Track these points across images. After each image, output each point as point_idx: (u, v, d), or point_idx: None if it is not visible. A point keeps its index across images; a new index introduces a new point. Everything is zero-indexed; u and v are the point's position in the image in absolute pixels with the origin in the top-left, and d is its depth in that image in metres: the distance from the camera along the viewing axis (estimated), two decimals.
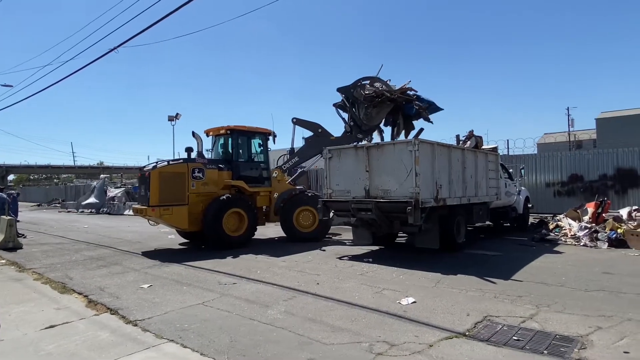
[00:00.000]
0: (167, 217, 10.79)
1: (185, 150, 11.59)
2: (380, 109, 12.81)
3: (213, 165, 11.81)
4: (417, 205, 8.33)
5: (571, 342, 4.25)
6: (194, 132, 12.09)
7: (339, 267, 8.44)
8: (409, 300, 5.81)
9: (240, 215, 11.42)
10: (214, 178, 11.63)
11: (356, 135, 13.04)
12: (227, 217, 11.10)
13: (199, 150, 12.04)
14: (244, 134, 12.52)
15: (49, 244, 13.00)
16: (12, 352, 4.34)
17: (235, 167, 12.14)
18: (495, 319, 5.00)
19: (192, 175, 11.18)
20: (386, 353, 4.10)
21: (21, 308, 5.92)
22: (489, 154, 11.81)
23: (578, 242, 10.61)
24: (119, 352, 4.25)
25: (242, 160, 12.46)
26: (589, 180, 16.00)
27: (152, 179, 10.76)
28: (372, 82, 12.85)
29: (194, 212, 11.11)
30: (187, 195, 11.08)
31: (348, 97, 12.83)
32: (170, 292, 6.66)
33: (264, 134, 12.94)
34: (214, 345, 4.41)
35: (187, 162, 11.31)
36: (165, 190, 10.77)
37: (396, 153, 8.93)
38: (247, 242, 11.52)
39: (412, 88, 12.95)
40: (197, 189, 11.24)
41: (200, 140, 12.12)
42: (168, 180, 10.87)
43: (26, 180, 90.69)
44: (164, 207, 10.67)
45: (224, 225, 11.01)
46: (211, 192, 11.44)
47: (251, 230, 11.66)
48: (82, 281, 7.56)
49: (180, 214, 10.90)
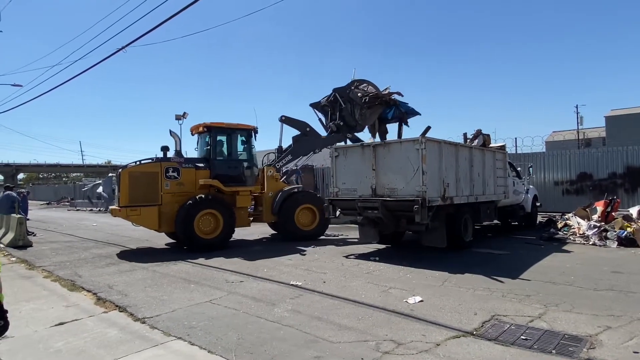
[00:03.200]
0: (134, 218, 10.44)
1: (161, 149, 11.22)
2: (374, 110, 13.39)
3: (190, 164, 11.40)
4: (424, 204, 8.31)
5: (580, 341, 4.21)
6: (171, 131, 11.69)
7: (346, 266, 8.43)
8: (416, 299, 5.79)
9: (216, 217, 10.89)
10: (190, 177, 11.20)
11: (345, 135, 13.34)
12: (200, 218, 10.60)
13: (177, 149, 11.65)
14: (222, 131, 11.94)
15: (59, 242, 13.14)
16: (22, 348, 4.40)
17: (213, 166, 11.62)
18: (503, 318, 4.97)
19: (165, 175, 10.82)
20: (393, 352, 4.09)
21: (31, 305, 5.99)
22: (496, 152, 11.74)
23: (587, 241, 10.51)
24: (127, 350, 4.29)
25: (221, 158, 11.92)
26: (598, 178, 15.86)
27: (121, 178, 10.51)
28: (367, 85, 13.57)
29: (168, 212, 10.70)
30: (160, 195, 10.72)
31: (343, 97, 12.97)
32: (177, 290, 6.71)
33: (246, 130, 12.30)
34: (222, 342, 4.43)
35: (161, 161, 10.98)
36: (135, 190, 10.43)
37: (403, 151, 8.90)
38: (223, 244, 10.95)
39: (394, 92, 13.57)
40: (171, 189, 10.87)
41: (177, 138, 11.68)
42: (138, 180, 10.54)
43: (35, 178, 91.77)
44: (131, 208, 10.32)
45: (196, 226, 10.52)
46: (188, 192, 10.99)
47: (227, 232, 11.08)
48: (91, 279, 7.63)
49: (149, 215, 10.51)
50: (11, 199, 14.12)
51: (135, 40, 11.16)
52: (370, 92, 13.39)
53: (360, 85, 13.57)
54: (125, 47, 11.73)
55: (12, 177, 68.63)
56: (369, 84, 13.67)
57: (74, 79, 30.20)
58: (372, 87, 13.61)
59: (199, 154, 12.27)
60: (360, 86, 13.54)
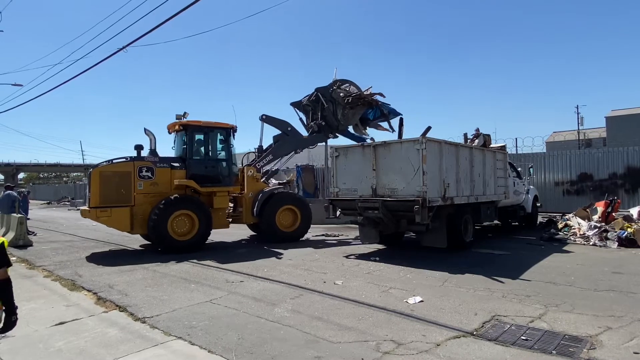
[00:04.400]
0: (104, 220, 10.08)
1: (135, 148, 10.83)
2: (356, 110, 13.41)
3: (165, 163, 10.95)
4: (425, 204, 8.31)
5: (580, 342, 4.21)
6: (145, 129, 11.29)
7: (346, 266, 8.43)
8: (416, 299, 5.79)
9: (191, 218, 10.53)
10: (165, 177, 10.80)
11: (327, 135, 13.35)
12: (174, 219, 10.25)
13: (152, 147, 11.17)
14: (199, 129, 11.50)
15: (59, 241, 13.14)
16: (23, 348, 4.40)
17: (190, 165, 11.20)
18: (504, 319, 4.96)
19: (139, 175, 10.43)
20: (393, 352, 4.09)
21: (32, 305, 5.99)
22: (497, 153, 11.74)
23: (587, 242, 10.50)
24: (127, 349, 4.29)
25: (198, 157, 11.52)
26: (598, 179, 15.86)
27: (92, 178, 10.15)
28: (349, 85, 13.52)
29: (141, 213, 10.34)
30: (133, 196, 10.34)
31: (325, 96, 12.92)
32: (178, 290, 6.70)
33: (224, 129, 11.85)
34: (222, 342, 4.43)
35: (134, 160, 10.58)
36: (106, 190, 10.09)
37: (403, 151, 8.90)
38: (199, 246, 10.60)
39: (376, 93, 13.59)
40: (144, 189, 10.48)
41: (152, 137, 11.25)
42: (110, 180, 10.18)
43: (36, 178, 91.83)
44: (101, 209, 9.96)
45: (170, 228, 10.17)
46: (162, 193, 10.59)
47: (203, 233, 10.72)
48: (91, 279, 7.63)
49: (120, 216, 10.14)
50: (12, 198, 14.14)
51: (135, 40, 11.18)
52: (352, 92, 13.32)
53: (342, 85, 13.47)
54: (126, 46, 11.73)
55: (13, 177, 68.70)
56: (351, 84, 13.60)
57: (74, 78, 30.16)
58: (355, 87, 13.55)
59: (175, 153, 11.87)
60: (342, 86, 13.44)
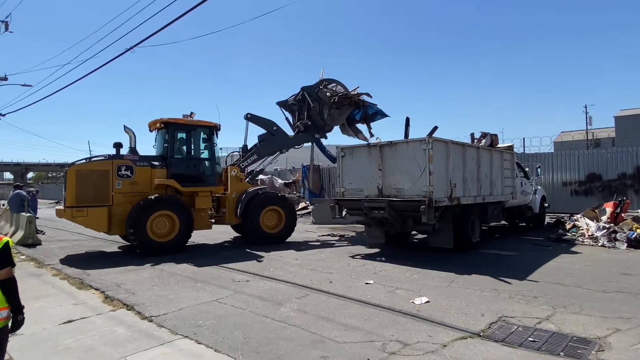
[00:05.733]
0: (80, 220, 9.74)
1: (114, 146, 10.47)
2: (342, 111, 13.35)
3: (145, 162, 10.61)
4: (431, 204, 8.29)
5: (588, 344, 4.17)
6: (125, 126, 10.95)
7: (352, 266, 8.43)
8: (422, 300, 5.77)
9: (171, 219, 10.18)
10: (145, 177, 10.45)
11: (313, 135, 13.23)
12: (154, 220, 9.90)
13: (132, 145, 10.87)
14: (181, 127, 11.19)
15: (67, 240, 13.25)
16: (31, 346, 4.45)
17: (171, 164, 10.85)
18: (511, 320, 4.93)
19: (117, 174, 10.09)
20: (399, 352, 4.08)
21: (40, 303, 6.05)
22: (504, 153, 11.67)
23: (596, 243, 10.41)
24: (135, 348, 4.32)
25: (180, 156, 11.18)
26: (607, 179, 15.69)
27: (68, 177, 9.83)
28: (336, 85, 13.45)
29: (119, 214, 10.01)
30: (111, 195, 10.01)
31: (311, 96, 12.83)
32: (184, 289, 6.74)
33: (207, 127, 11.52)
34: (228, 341, 4.45)
35: (113, 158, 10.22)
36: (83, 189, 9.74)
37: (410, 151, 8.88)
38: (179, 247, 10.27)
39: (363, 93, 13.51)
40: (123, 188, 10.13)
41: (132, 134, 10.95)
42: (87, 178, 9.84)
43: (44, 177, 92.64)
44: (77, 209, 9.61)
45: (149, 229, 9.82)
46: (142, 193, 10.24)
47: (184, 235, 10.38)
48: (99, 277, 7.69)
49: (97, 216, 9.79)
50: (21, 197, 14.28)
51: (142, 40, 11.25)
52: (339, 91, 13.23)
53: (329, 84, 13.39)
54: (133, 47, 11.80)
55: (22, 176, 69.47)
56: (338, 84, 13.51)
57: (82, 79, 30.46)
58: (341, 87, 13.46)
59: (156, 151, 11.52)
60: (329, 85, 13.36)
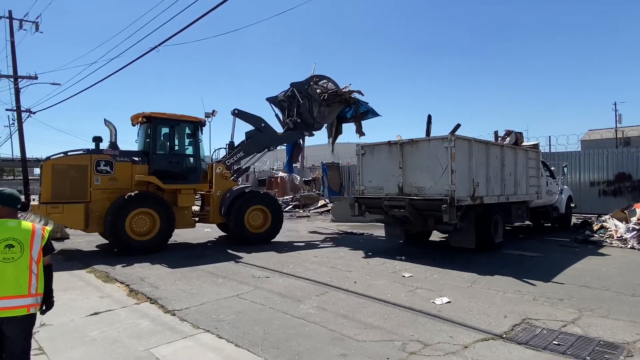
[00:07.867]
0: (56, 217, 9.47)
1: (93, 140, 10.14)
2: (332, 108, 13.14)
3: (126, 157, 10.23)
4: (453, 203, 8.17)
5: (616, 349, 4.05)
6: (105, 120, 10.65)
7: (371, 264, 8.39)
8: (443, 300, 5.71)
9: (152, 217, 9.86)
10: (125, 173, 10.08)
11: (302, 132, 13.05)
12: (133, 218, 9.58)
13: (112, 140, 10.52)
14: (165, 122, 10.78)
15: (94, 234, 13.57)
16: (59, 336, 4.60)
17: (153, 160, 10.45)
18: (534, 322, 4.83)
19: (96, 169, 9.70)
20: (419, 352, 4.04)
21: (68, 295, 6.24)
22: (529, 151, 11.41)
23: (625, 245, 10.08)
24: (158, 340, 4.42)
25: (162, 152, 10.78)
26: (637, 179, 15.14)
27: (44, 172, 9.46)
28: (327, 82, 13.25)
29: (98, 211, 9.64)
30: (89, 191, 9.64)
31: (301, 92, 12.60)
32: (206, 284, 6.85)
33: (192, 122, 11.14)
34: (248, 337, 4.50)
35: (91, 153, 9.85)
36: (59, 185, 9.38)
37: (431, 149, 8.77)
38: (159, 246, 9.98)
39: (355, 90, 13.31)
40: (102, 184, 9.76)
41: (113, 128, 10.59)
42: (63, 173, 9.46)
43: None
44: (52, 205, 9.25)
45: (128, 227, 9.50)
46: (122, 189, 9.88)
47: (165, 233, 10.05)
48: (124, 271, 7.89)
49: (74, 213, 9.43)
50: None
51: (166, 40, 11.53)
52: (329, 89, 13.03)
53: (319, 81, 13.20)
54: (157, 46, 12.03)
55: None
56: (329, 81, 13.30)
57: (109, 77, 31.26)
58: (332, 84, 13.25)
59: (138, 146, 11.13)
60: (319, 82, 13.17)
